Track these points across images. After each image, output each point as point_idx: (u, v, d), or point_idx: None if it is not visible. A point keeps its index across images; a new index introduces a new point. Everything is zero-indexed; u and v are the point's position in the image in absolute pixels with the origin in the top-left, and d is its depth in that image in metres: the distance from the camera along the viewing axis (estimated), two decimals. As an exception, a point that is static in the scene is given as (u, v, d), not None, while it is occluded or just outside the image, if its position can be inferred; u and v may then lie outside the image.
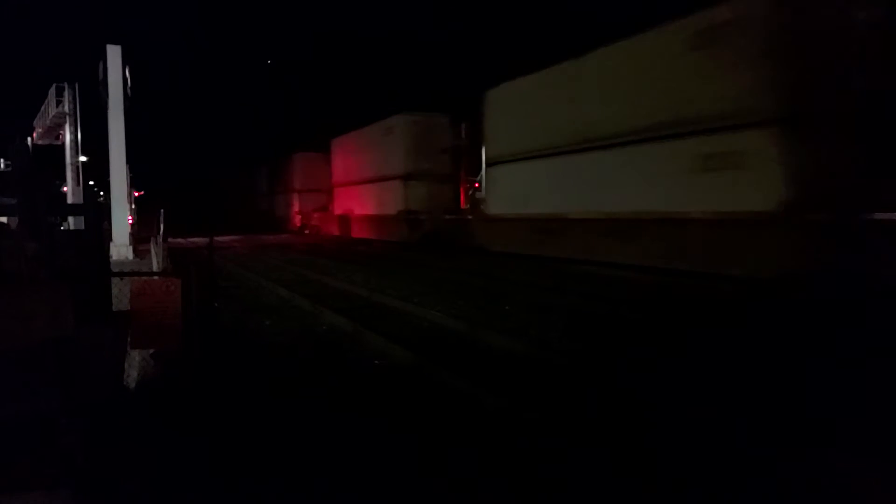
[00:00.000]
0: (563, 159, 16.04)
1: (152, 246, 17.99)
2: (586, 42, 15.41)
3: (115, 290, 5.74)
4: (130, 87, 19.56)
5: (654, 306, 9.22)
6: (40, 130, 24.77)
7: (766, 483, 3.50)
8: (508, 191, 18.88)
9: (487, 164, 20.21)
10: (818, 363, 5.74)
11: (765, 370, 5.64)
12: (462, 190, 25.56)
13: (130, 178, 23.11)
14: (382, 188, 26.98)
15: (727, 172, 11.27)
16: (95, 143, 22.08)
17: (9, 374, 3.31)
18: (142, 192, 40.92)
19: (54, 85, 22.12)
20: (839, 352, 6.10)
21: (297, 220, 39.49)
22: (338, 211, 32.73)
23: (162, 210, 19.39)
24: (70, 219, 14.78)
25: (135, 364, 5.51)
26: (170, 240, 20.32)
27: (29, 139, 24.09)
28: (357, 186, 30.19)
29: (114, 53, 18.73)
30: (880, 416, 4.27)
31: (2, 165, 22.82)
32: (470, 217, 22.05)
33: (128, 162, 19.65)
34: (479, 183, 21.84)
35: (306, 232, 37.05)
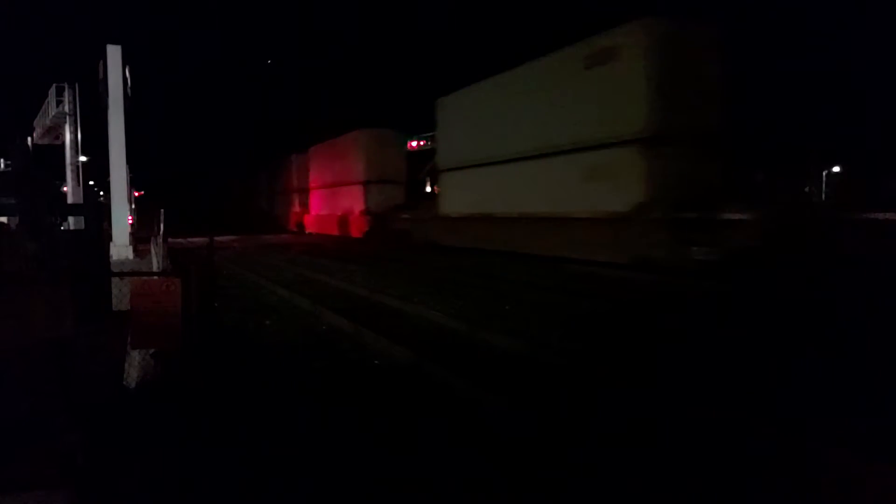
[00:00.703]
0: (495, 169, 18.93)
1: (152, 246, 17.98)
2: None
3: (115, 290, 5.75)
4: (130, 87, 19.55)
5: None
6: (40, 130, 24.77)
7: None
8: (457, 194, 21.54)
9: (440, 171, 23.01)
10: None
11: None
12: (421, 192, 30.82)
13: (130, 178, 23.11)
14: (345, 191, 31.65)
15: (603, 182, 14.22)
16: (95, 143, 22.10)
17: (9, 374, 3.31)
18: (142, 192, 40.94)
19: (54, 85, 22.11)
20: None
21: (294, 219, 39.68)
22: (314, 211, 37.18)
23: (162, 210, 19.37)
24: (70, 219, 14.78)
25: (135, 364, 5.50)
26: (170, 240, 20.31)
27: (29, 139, 24.09)
28: (326, 190, 34.86)
29: (114, 53, 18.72)
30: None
31: (2, 165, 22.84)
32: (426, 216, 24.32)
33: (128, 162, 19.64)
34: (435, 186, 25.75)
35: (302, 231, 37.59)
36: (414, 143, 33.28)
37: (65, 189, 21.56)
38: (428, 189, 31.91)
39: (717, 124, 13.32)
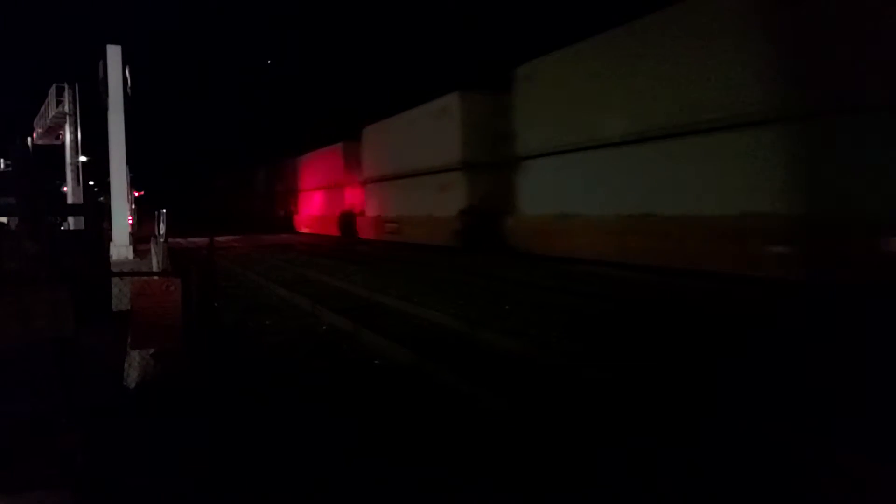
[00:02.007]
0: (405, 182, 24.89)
1: (152, 246, 17.98)
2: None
3: (115, 290, 5.75)
4: (130, 87, 19.54)
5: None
6: (40, 130, 24.77)
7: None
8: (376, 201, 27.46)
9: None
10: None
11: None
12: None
13: (130, 178, 23.09)
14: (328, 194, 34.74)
15: (447, 193, 20.48)
16: (95, 143, 22.09)
17: (9, 374, 3.31)
18: (142, 193, 40.95)
19: (54, 85, 22.12)
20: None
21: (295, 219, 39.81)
22: (305, 212, 38.74)
23: (164, 210, 19.39)
24: (70, 219, 14.78)
25: (135, 364, 5.50)
26: (170, 240, 20.33)
27: (29, 139, 24.09)
28: (315, 192, 36.38)
29: (114, 53, 18.69)
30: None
31: (2, 165, 22.83)
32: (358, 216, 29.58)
33: (128, 162, 19.63)
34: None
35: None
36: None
37: (64, 189, 21.55)
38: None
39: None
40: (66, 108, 21.78)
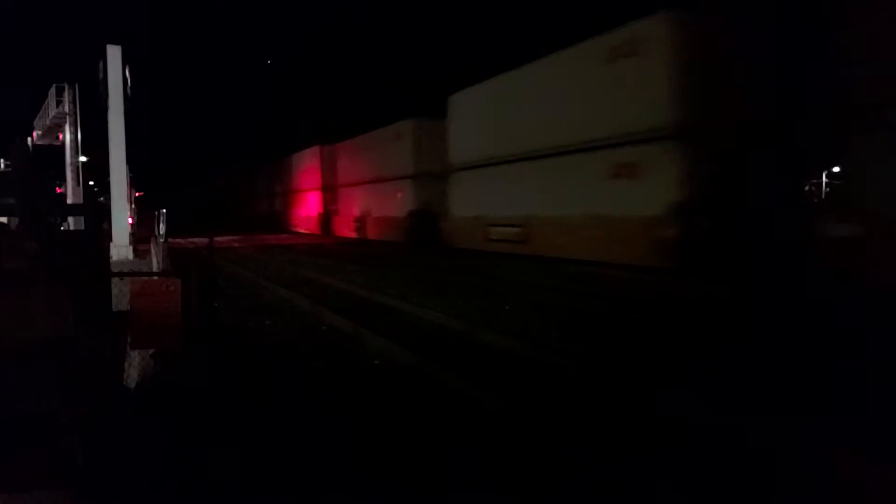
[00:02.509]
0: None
1: (152, 246, 17.97)
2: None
3: (115, 290, 5.74)
4: (130, 87, 19.54)
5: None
6: (40, 131, 24.76)
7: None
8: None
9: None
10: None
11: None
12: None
13: (130, 178, 23.08)
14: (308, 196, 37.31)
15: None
16: (95, 143, 22.09)
17: (9, 374, 3.31)
18: (141, 193, 40.87)
19: (54, 85, 22.11)
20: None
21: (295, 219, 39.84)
22: (305, 213, 40.06)
23: (164, 210, 19.37)
24: (70, 219, 14.77)
25: (135, 364, 5.50)
26: (170, 240, 20.30)
27: (29, 139, 24.08)
28: (303, 193, 38.69)
29: (114, 53, 18.70)
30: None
31: (2, 165, 22.82)
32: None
33: (128, 162, 19.63)
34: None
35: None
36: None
37: (59, 190, 21.51)
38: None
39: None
40: (66, 109, 21.77)
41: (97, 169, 25.29)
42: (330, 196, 34.06)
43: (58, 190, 21.29)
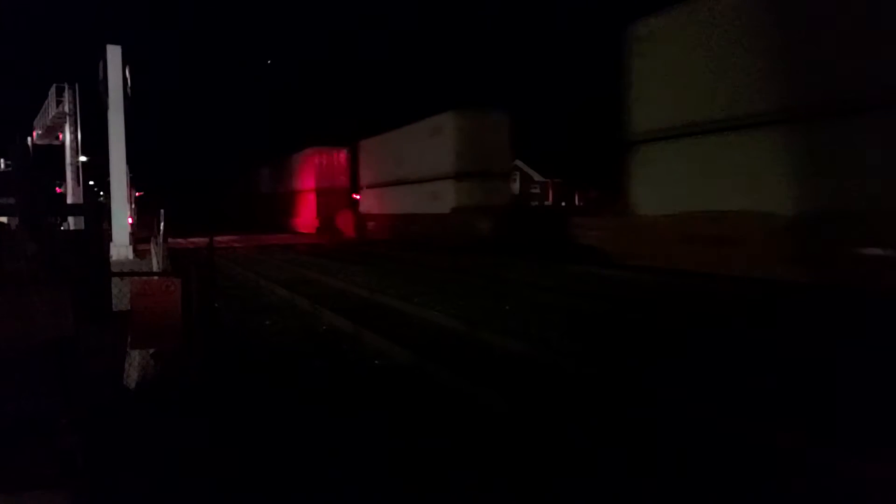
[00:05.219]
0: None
1: (152, 246, 17.98)
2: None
3: (115, 290, 5.74)
4: (130, 87, 19.54)
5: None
6: (40, 131, 24.75)
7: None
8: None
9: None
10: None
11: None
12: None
13: (130, 178, 23.09)
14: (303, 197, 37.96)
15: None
16: (95, 143, 22.10)
17: (9, 374, 3.31)
18: (141, 193, 40.86)
19: (54, 85, 22.10)
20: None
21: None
22: (306, 213, 39.81)
23: (162, 210, 19.36)
24: (70, 219, 14.78)
25: (135, 364, 5.51)
26: (170, 240, 20.30)
27: (29, 139, 24.08)
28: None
29: (114, 53, 18.70)
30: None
31: (2, 165, 22.82)
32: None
33: (128, 162, 19.63)
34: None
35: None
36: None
37: (59, 190, 21.51)
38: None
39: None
40: (66, 108, 21.77)
41: (97, 169, 25.30)
42: (335, 197, 34.29)
43: (58, 190, 21.29)
